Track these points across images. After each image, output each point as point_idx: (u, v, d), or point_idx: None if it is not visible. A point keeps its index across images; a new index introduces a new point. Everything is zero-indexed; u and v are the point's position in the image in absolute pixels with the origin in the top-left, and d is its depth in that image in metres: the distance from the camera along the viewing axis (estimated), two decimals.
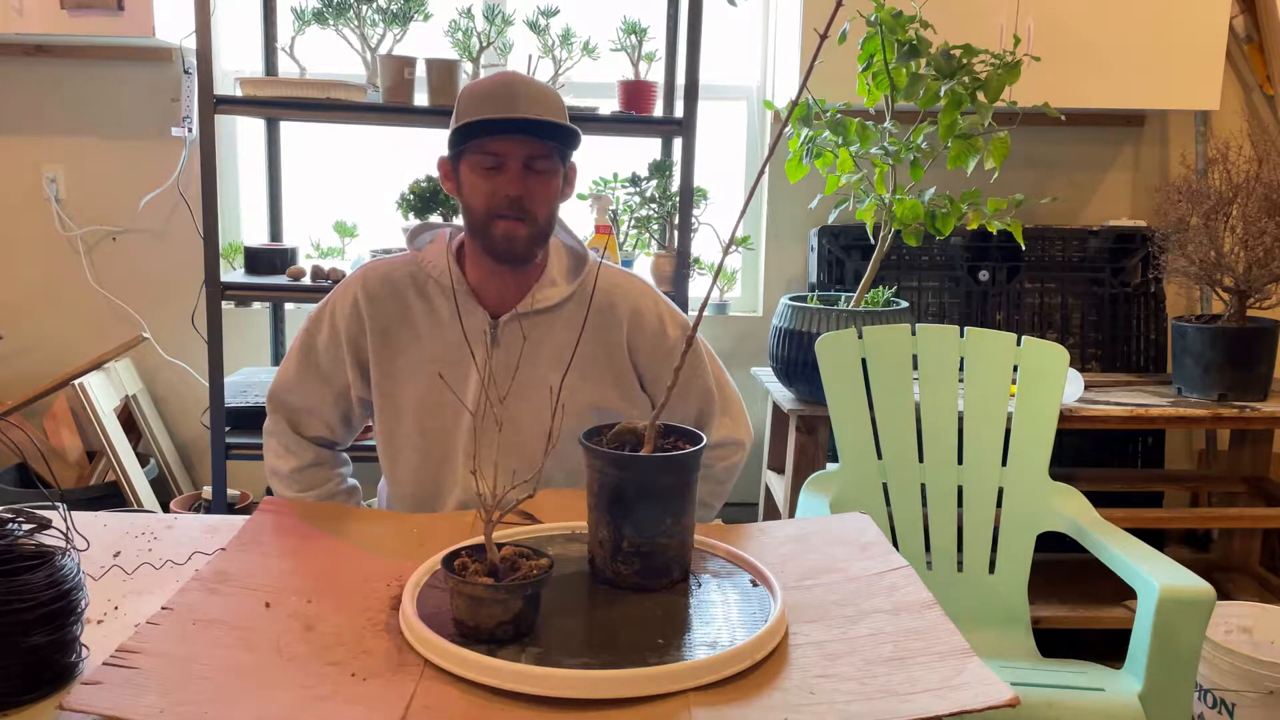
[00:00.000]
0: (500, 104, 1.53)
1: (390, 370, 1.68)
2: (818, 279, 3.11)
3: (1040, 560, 2.22)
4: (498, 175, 1.56)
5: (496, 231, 1.58)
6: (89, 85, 3.06)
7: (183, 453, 3.26)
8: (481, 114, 1.52)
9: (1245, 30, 3.16)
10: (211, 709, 0.98)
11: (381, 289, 1.67)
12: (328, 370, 1.70)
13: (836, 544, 1.44)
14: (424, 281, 1.67)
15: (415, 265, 1.68)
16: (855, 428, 2.21)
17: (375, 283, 1.68)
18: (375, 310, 1.67)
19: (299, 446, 1.73)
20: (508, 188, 1.55)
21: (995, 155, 2.37)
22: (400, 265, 1.69)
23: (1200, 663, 2.15)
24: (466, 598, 1.12)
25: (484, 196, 1.57)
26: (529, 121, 1.52)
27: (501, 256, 1.60)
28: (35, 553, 1.09)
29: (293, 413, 1.73)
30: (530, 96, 1.54)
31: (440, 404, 1.66)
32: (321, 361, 1.70)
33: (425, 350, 1.67)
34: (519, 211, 1.56)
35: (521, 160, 1.55)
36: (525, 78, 1.59)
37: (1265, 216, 2.58)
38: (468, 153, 1.57)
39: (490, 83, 1.56)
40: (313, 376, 1.71)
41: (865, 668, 1.09)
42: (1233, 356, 2.66)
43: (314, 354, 1.70)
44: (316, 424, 1.74)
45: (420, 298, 1.67)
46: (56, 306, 3.15)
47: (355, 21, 2.71)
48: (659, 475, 1.26)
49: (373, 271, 1.69)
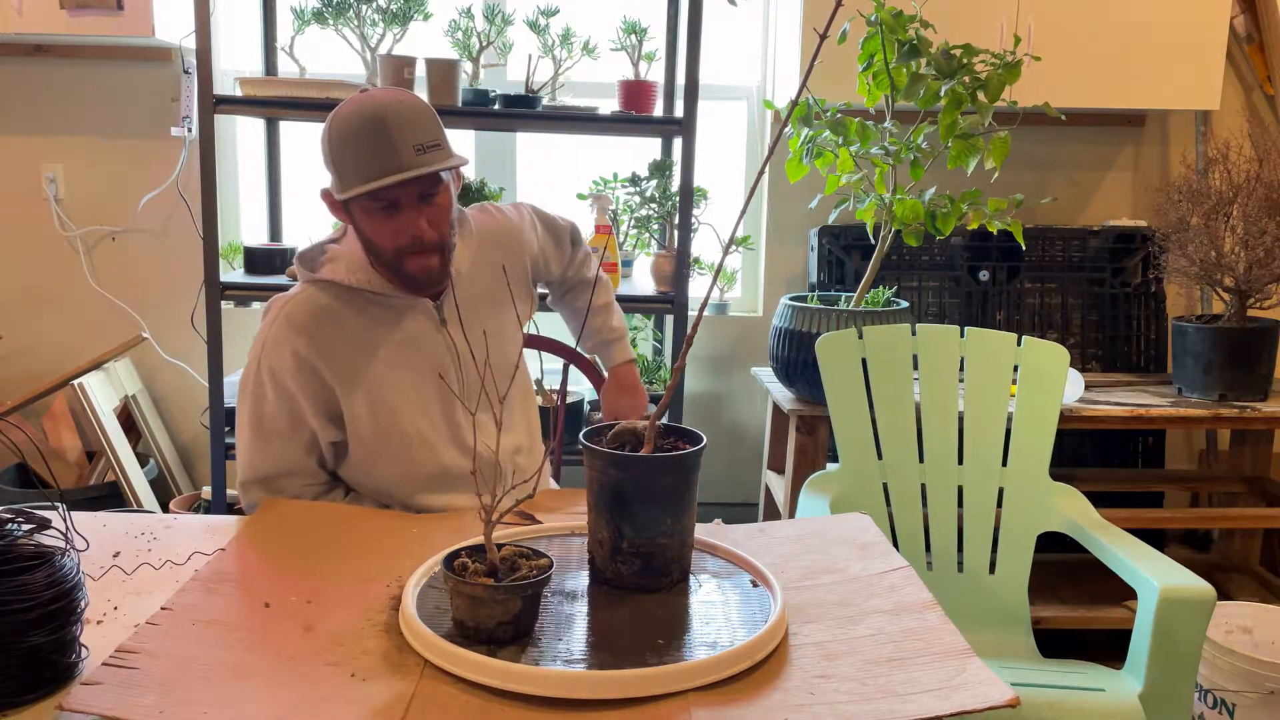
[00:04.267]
0: (380, 154, 1.47)
1: (361, 394, 1.61)
2: (818, 279, 3.11)
3: (1040, 560, 2.22)
4: (395, 216, 1.52)
5: (409, 268, 1.57)
6: (88, 85, 3.06)
7: (182, 453, 3.26)
8: (364, 174, 1.47)
9: (1245, 30, 3.16)
10: (211, 709, 0.98)
11: (317, 325, 1.58)
12: (288, 430, 1.61)
13: (836, 544, 1.44)
14: (350, 297, 1.61)
15: (332, 287, 1.61)
16: (855, 428, 2.21)
17: (307, 322, 1.58)
18: (322, 349, 1.58)
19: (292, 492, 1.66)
20: (410, 228, 1.53)
21: (995, 155, 2.37)
22: (315, 295, 1.61)
23: (1200, 663, 2.15)
24: (466, 598, 1.12)
25: (387, 238, 1.54)
26: None
27: (419, 287, 1.61)
28: (35, 553, 1.09)
29: (270, 483, 1.64)
30: (404, 132, 1.48)
31: (422, 400, 1.65)
32: (280, 426, 1.61)
33: (385, 359, 1.62)
34: (426, 246, 1.55)
35: (415, 197, 1.53)
36: (393, 107, 1.49)
37: (1265, 216, 2.58)
38: (356, 200, 1.52)
39: (356, 126, 1.48)
40: (277, 442, 1.62)
41: (865, 668, 1.09)
42: (1233, 356, 2.66)
43: (267, 423, 1.61)
44: (296, 483, 1.65)
45: (356, 313, 1.61)
46: (56, 306, 3.15)
47: (355, 21, 2.71)
48: (659, 475, 1.26)
49: (297, 317, 1.59)
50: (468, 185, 2.84)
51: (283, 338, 1.58)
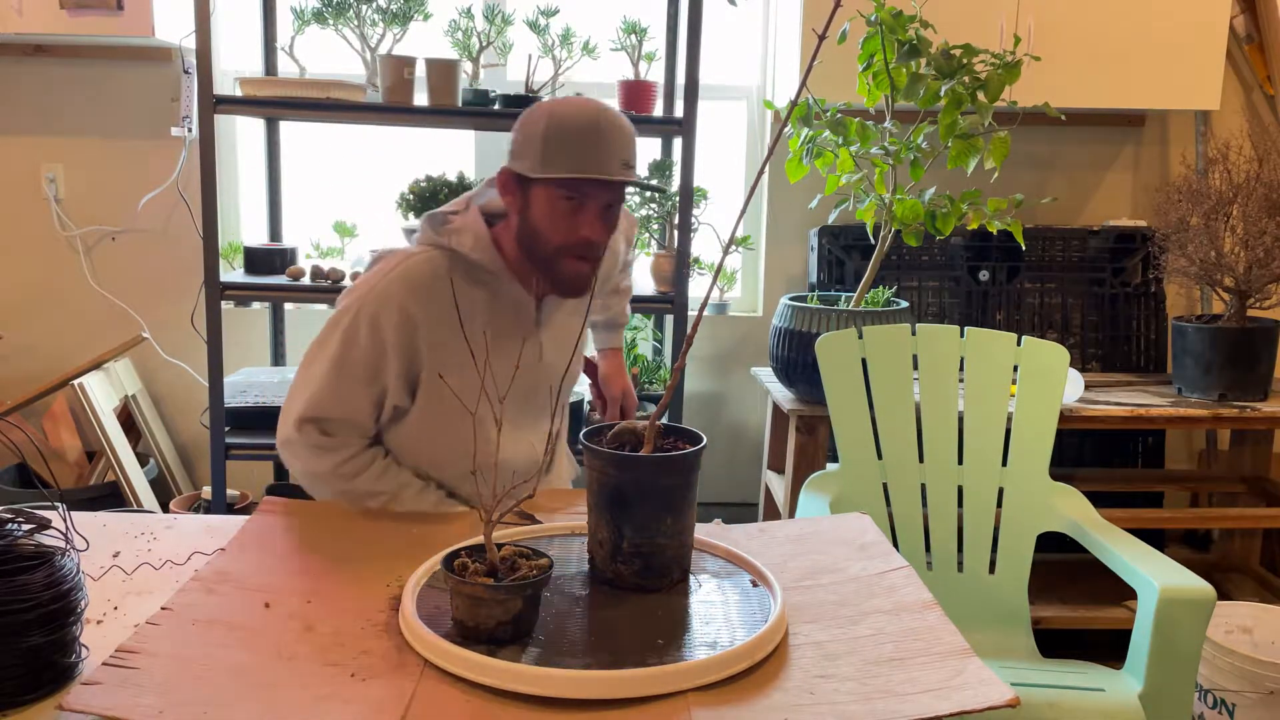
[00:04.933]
0: (593, 152, 1.51)
1: (444, 364, 1.61)
2: (818, 279, 3.11)
3: (1040, 560, 2.22)
4: (577, 214, 1.54)
5: (565, 269, 1.58)
6: (89, 85, 3.06)
7: (182, 453, 3.26)
8: (578, 165, 1.50)
9: (1245, 30, 3.16)
10: (211, 709, 0.98)
11: (431, 290, 1.59)
12: (365, 379, 1.61)
13: (836, 544, 1.44)
14: (467, 272, 1.62)
15: (453, 255, 1.62)
16: (855, 428, 2.21)
17: (423, 284, 1.59)
18: (429, 314, 1.59)
19: (332, 443, 1.64)
20: (587, 230, 1.55)
21: (995, 155, 2.37)
22: (438, 260, 1.61)
23: (1200, 663, 2.15)
24: (466, 598, 1.12)
25: (561, 232, 1.55)
26: None
27: (564, 291, 1.62)
28: (35, 553, 1.09)
29: (325, 424, 1.63)
30: (618, 142, 1.53)
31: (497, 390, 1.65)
32: (360, 373, 1.61)
33: (479, 342, 1.62)
34: (588, 253, 1.57)
35: (602, 204, 1.56)
36: (611, 114, 1.54)
37: (1265, 216, 2.58)
38: (549, 184, 1.54)
39: (580, 123, 1.52)
40: (348, 388, 1.61)
41: (865, 668, 1.09)
42: (1233, 356, 2.66)
43: (349, 366, 1.60)
44: (348, 433, 1.65)
45: (470, 284, 1.62)
46: (56, 306, 3.15)
47: (355, 21, 2.71)
48: (659, 476, 1.26)
49: (416, 275, 1.59)
50: (468, 185, 2.85)
51: (396, 292, 1.58)
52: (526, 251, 1.60)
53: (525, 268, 1.64)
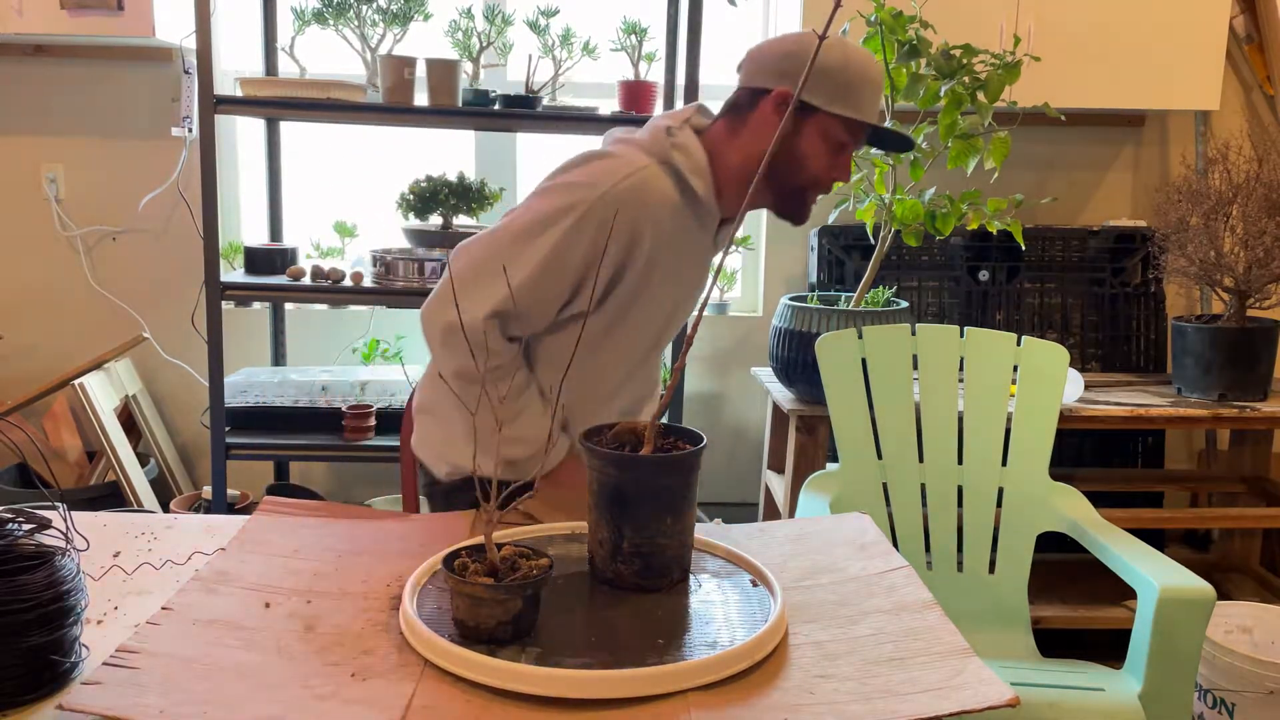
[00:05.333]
0: (877, 101, 1.57)
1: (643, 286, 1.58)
2: (818, 279, 3.11)
3: (1040, 560, 2.22)
4: (839, 154, 1.58)
5: (808, 202, 1.63)
6: (89, 85, 3.06)
7: (183, 453, 3.26)
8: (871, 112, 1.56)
9: (1245, 30, 3.16)
10: (211, 709, 0.98)
11: (658, 210, 1.54)
12: (572, 282, 1.55)
13: (836, 544, 1.44)
14: (681, 193, 1.57)
15: (676, 174, 1.56)
16: (855, 428, 2.21)
17: (654, 204, 1.53)
18: (653, 233, 1.53)
19: (498, 343, 1.57)
20: (840, 172, 1.60)
21: (995, 155, 2.37)
22: (666, 179, 1.55)
23: (1200, 663, 2.15)
24: (466, 598, 1.12)
25: (822, 169, 1.58)
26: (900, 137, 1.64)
27: (792, 218, 1.65)
28: (35, 553, 1.09)
29: (508, 320, 1.56)
30: None
31: (665, 321, 1.67)
32: (569, 275, 1.54)
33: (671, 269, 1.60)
34: (826, 191, 1.63)
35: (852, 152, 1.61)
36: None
37: (1265, 216, 2.58)
38: (833, 122, 1.54)
39: (873, 72, 1.56)
40: (552, 286, 1.54)
41: (865, 668, 1.09)
42: (1233, 356, 2.66)
43: (561, 268, 1.53)
44: (523, 326, 1.58)
45: (681, 210, 1.57)
46: (56, 306, 3.15)
47: (355, 21, 2.72)
48: (659, 476, 1.26)
49: (650, 190, 1.53)
50: (468, 185, 2.85)
51: (630, 201, 1.51)
52: (773, 176, 1.58)
53: (732, 197, 1.61)
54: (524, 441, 1.60)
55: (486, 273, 1.53)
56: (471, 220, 2.95)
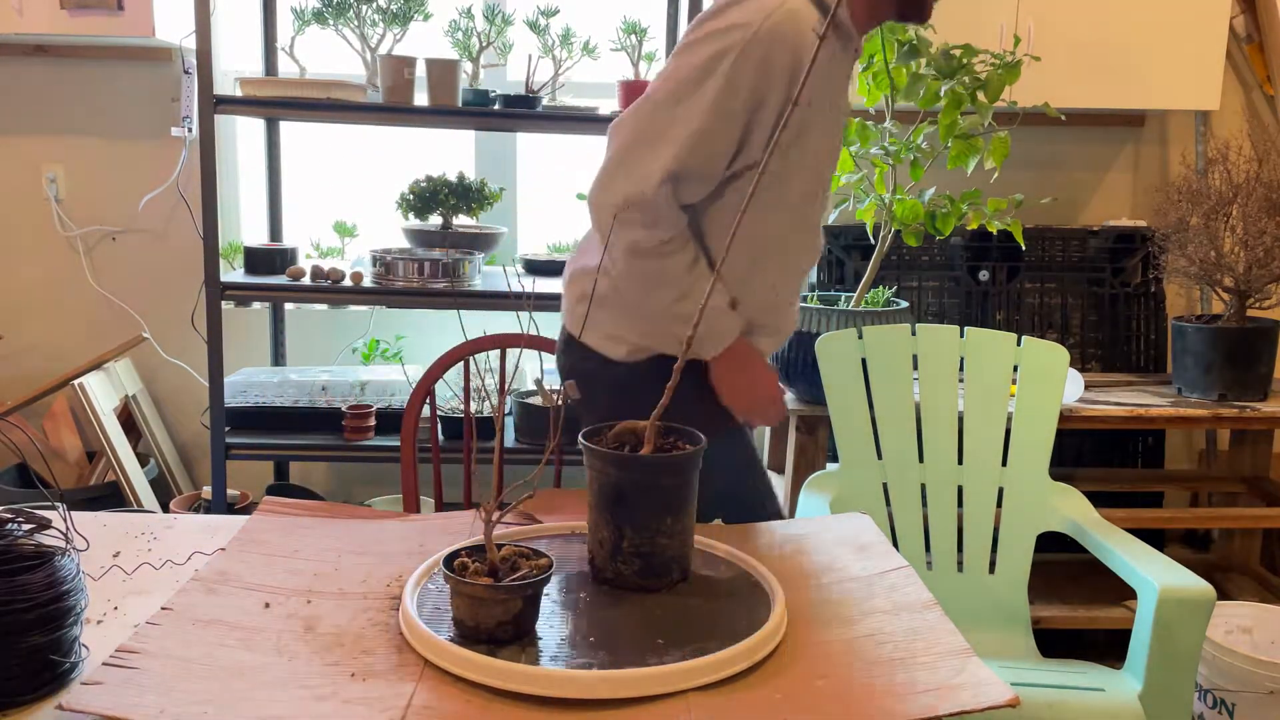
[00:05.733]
0: None
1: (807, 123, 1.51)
2: (818, 279, 3.11)
3: (1040, 560, 2.22)
4: None
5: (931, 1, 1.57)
6: (89, 85, 3.06)
7: (183, 453, 3.26)
8: None
9: (1245, 30, 3.16)
10: (211, 709, 0.98)
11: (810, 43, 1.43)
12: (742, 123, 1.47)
13: (836, 544, 1.44)
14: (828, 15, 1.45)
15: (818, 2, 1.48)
16: (855, 428, 2.21)
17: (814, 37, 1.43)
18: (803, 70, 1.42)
19: (675, 215, 1.51)
20: None
21: (995, 155, 2.37)
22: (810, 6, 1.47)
23: (1200, 663, 2.15)
24: (466, 598, 1.12)
25: None
26: None
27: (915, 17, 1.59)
28: (35, 553, 1.09)
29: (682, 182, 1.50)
30: None
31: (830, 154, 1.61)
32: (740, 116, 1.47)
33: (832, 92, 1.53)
34: None
35: None
36: None
37: (1265, 216, 2.58)
38: None
39: None
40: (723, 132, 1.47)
41: (865, 668, 1.09)
42: (1233, 356, 2.66)
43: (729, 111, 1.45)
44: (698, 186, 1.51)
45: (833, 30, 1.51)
46: (56, 306, 3.15)
47: (355, 21, 2.72)
48: (659, 476, 1.26)
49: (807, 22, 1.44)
50: (468, 185, 2.85)
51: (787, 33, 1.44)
52: None
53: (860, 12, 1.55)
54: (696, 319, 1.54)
55: (651, 139, 1.48)
56: (471, 220, 2.95)
